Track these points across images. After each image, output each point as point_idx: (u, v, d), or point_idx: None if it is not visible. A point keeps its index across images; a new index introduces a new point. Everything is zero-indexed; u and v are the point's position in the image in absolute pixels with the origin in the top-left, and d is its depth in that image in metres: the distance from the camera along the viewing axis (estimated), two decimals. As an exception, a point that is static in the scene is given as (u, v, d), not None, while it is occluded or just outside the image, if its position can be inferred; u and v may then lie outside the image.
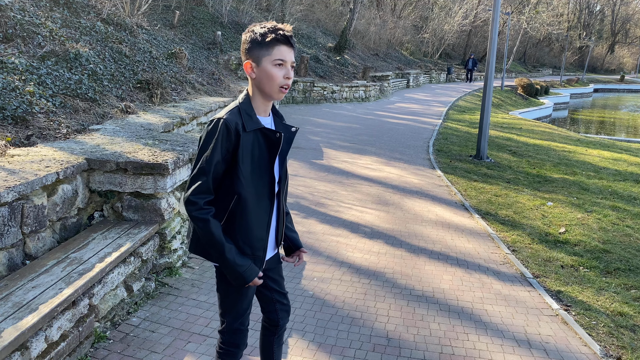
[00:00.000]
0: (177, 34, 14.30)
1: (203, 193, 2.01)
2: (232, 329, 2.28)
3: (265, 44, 2.01)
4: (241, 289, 2.18)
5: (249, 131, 2.03)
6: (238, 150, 2.01)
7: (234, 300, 2.23)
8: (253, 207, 2.10)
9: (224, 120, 1.99)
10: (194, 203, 2.01)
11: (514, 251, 5.22)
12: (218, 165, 2.00)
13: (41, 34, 6.20)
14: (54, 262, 3.14)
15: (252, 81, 2.09)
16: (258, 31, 2.02)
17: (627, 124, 28.97)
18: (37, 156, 3.85)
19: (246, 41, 2.05)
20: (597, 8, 79.17)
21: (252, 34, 2.03)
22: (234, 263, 2.05)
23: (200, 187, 2.00)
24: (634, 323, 3.84)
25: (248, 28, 2.08)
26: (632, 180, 9.16)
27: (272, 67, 2.01)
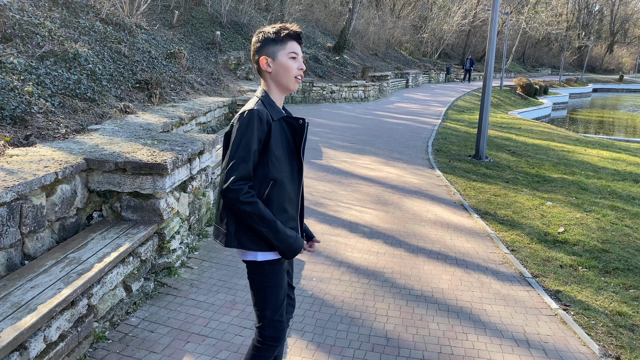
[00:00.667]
0: (176, 34, 14.29)
1: (245, 179, 2.10)
2: (273, 322, 2.29)
3: (279, 40, 2.21)
4: (279, 277, 2.26)
5: (276, 120, 2.18)
6: (271, 138, 2.15)
7: (272, 292, 2.27)
8: (287, 190, 2.23)
9: (256, 110, 2.12)
10: (238, 190, 2.08)
11: (513, 251, 5.22)
12: (255, 153, 2.12)
13: (40, 34, 6.20)
14: (52, 262, 3.14)
15: (269, 76, 2.24)
16: (270, 30, 2.22)
17: (626, 123, 29.00)
18: (35, 156, 3.84)
19: (258, 40, 2.23)
20: (596, 8, 79.25)
21: (264, 33, 2.23)
22: (286, 235, 2.16)
23: (241, 174, 2.09)
24: (632, 323, 3.84)
25: (257, 31, 2.26)
26: (631, 180, 9.17)
27: (287, 59, 2.22)
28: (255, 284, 2.28)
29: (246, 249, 2.20)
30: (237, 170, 2.08)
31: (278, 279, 2.26)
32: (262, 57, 2.22)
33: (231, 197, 2.09)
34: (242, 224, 2.17)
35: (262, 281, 2.26)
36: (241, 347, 3.21)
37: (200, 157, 4.72)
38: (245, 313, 3.65)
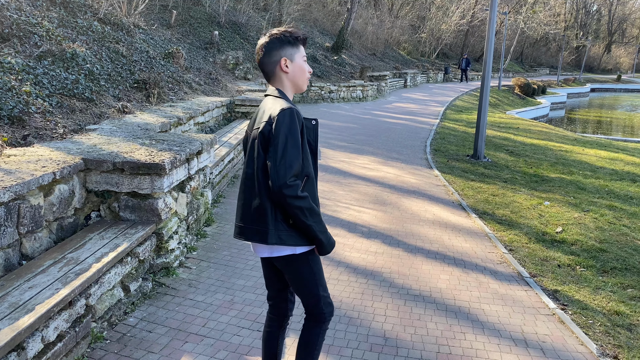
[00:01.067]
0: (174, 34, 14.27)
1: (297, 176, 2.19)
2: (326, 299, 2.45)
3: (295, 44, 2.38)
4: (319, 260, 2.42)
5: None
6: (304, 136, 2.27)
7: (319, 275, 2.42)
8: (314, 185, 2.36)
9: (295, 108, 2.23)
10: (295, 185, 2.16)
11: (511, 250, 5.23)
12: (302, 149, 2.23)
13: (38, 34, 6.19)
14: (50, 263, 3.14)
15: (285, 76, 2.38)
16: (286, 34, 2.36)
17: (624, 123, 29.05)
18: (33, 156, 3.84)
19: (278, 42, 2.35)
20: (593, 8, 79.37)
21: (283, 36, 2.35)
22: (326, 230, 2.31)
23: (295, 170, 2.17)
24: (630, 322, 3.85)
25: (270, 33, 2.38)
26: (628, 179, 9.18)
27: (302, 62, 2.40)
28: (301, 272, 2.36)
29: (285, 245, 2.26)
30: (291, 166, 2.15)
31: (319, 263, 2.42)
32: (283, 58, 2.35)
33: (288, 194, 2.14)
34: (281, 221, 2.25)
35: (309, 269, 2.37)
36: (239, 347, 3.22)
37: (198, 157, 4.71)
38: (244, 313, 3.65)
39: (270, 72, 2.38)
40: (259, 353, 3.16)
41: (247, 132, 2.44)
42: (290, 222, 2.26)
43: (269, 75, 2.40)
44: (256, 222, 2.27)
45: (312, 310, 2.45)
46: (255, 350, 3.19)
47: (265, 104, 2.34)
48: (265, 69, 2.40)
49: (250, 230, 2.30)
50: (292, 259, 2.33)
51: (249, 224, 2.30)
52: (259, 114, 2.36)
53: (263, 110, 2.32)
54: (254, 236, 2.29)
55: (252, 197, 2.29)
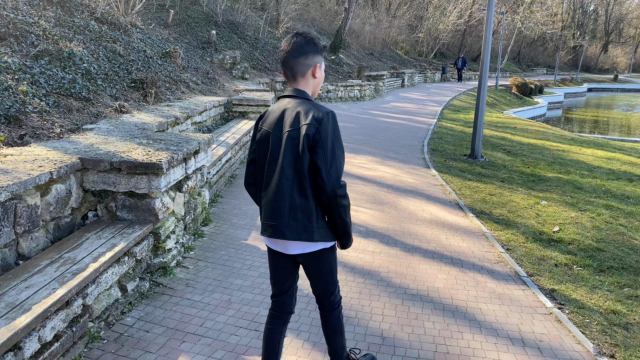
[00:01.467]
0: (172, 33, 14.25)
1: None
2: (339, 287, 2.70)
3: (323, 53, 2.50)
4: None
5: None
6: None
7: (336, 265, 2.63)
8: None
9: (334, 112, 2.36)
10: (344, 186, 2.36)
11: (508, 250, 5.24)
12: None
13: (34, 33, 6.17)
14: (47, 262, 3.13)
15: (313, 81, 2.47)
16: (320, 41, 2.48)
17: (621, 123, 29.12)
18: (30, 156, 3.83)
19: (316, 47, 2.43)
20: (590, 8, 79.55)
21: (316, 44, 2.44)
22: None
23: (342, 171, 2.35)
24: (627, 321, 3.86)
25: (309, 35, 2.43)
26: (625, 179, 9.21)
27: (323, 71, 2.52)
28: (327, 263, 2.55)
29: (324, 241, 2.42)
30: (340, 168, 2.33)
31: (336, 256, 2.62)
32: (317, 63, 2.44)
33: (340, 194, 2.32)
34: (322, 219, 2.41)
35: (334, 259, 2.58)
36: (237, 347, 3.21)
37: (195, 156, 4.71)
38: (241, 313, 3.65)
39: (301, 73, 2.41)
40: (256, 352, 3.16)
41: (267, 130, 2.42)
42: (326, 219, 2.42)
43: (296, 76, 2.41)
44: (301, 221, 2.35)
45: (331, 298, 2.65)
46: (253, 350, 3.19)
47: (294, 105, 2.37)
48: (296, 69, 2.40)
49: (294, 229, 2.35)
50: (323, 252, 2.49)
51: (291, 223, 2.34)
52: (288, 115, 2.36)
53: (297, 112, 2.33)
54: (299, 235, 2.36)
55: (294, 197, 2.33)
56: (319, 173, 2.28)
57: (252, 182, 2.58)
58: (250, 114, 9.88)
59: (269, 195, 2.38)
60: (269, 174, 2.38)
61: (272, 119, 2.41)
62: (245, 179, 2.60)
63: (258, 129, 2.49)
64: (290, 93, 2.43)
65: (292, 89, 2.44)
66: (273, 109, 2.45)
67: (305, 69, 2.40)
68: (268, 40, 18.60)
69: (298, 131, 2.30)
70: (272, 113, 2.43)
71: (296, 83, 2.43)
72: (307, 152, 2.29)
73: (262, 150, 2.43)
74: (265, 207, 2.41)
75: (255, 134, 2.51)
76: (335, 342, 2.75)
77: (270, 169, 2.38)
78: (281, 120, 2.37)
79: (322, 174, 2.27)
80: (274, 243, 2.48)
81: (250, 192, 2.62)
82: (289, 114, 2.35)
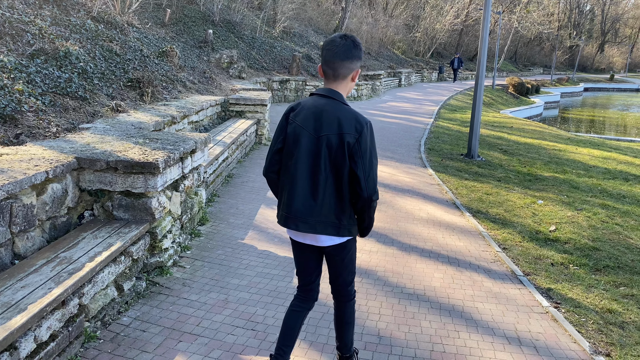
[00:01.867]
0: (168, 32, 14.23)
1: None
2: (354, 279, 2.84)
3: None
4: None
5: None
6: None
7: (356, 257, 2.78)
8: None
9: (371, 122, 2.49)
10: (378, 191, 2.51)
11: (504, 249, 5.25)
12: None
13: (30, 32, 6.15)
14: (43, 262, 3.12)
15: (351, 85, 2.55)
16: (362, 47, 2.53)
17: (617, 122, 29.21)
18: (26, 155, 3.82)
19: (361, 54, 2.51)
20: (587, 8, 79.74)
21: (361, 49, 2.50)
22: None
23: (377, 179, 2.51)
24: (622, 320, 3.88)
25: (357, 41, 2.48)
26: (621, 178, 9.24)
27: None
28: (351, 254, 2.69)
29: (351, 235, 2.58)
30: (376, 176, 2.48)
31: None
32: (359, 69, 2.53)
33: (375, 199, 2.49)
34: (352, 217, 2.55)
35: (355, 249, 2.72)
36: (233, 346, 3.21)
37: (192, 156, 4.70)
38: (238, 312, 3.64)
39: (343, 75, 2.47)
40: (253, 352, 3.16)
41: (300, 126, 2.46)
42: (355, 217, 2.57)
43: (338, 77, 2.47)
44: (332, 218, 2.48)
45: (348, 288, 2.78)
46: (250, 350, 3.19)
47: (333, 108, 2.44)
48: (340, 70, 2.45)
49: (324, 225, 2.48)
50: (348, 243, 2.63)
51: (322, 219, 2.47)
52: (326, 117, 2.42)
53: (337, 117, 2.41)
54: (327, 230, 2.49)
55: (331, 197, 2.45)
56: (358, 181, 2.41)
57: (275, 171, 2.60)
58: (247, 114, 9.87)
59: (301, 191, 2.46)
60: (302, 171, 2.45)
61: (306, 116, 2.46)
62: (267, 167, 2.61)
63: (289, 121, 2.52)
64: (327, 93, 2.47)
65: (328, 88, 2.49)
66: (307, 104, 2.49)
67: (347, 72, 2.47)
68: (265, 40, 18.59)
69: (337, 137, 2.38)
70: (305, 109, 2.48)
71: (335, 84, 2.49)
72: (346, 160, 2.40)
73: (292, 144, 2.48)
74: (296, 201, 2.47)
75: (285, 125, 2.54)
76: (346, 335, 2.84)
77: (302, 167, 2.45)
78: (318, 121, 2.43)
79: (361, 182, 2.41)
80: (303, 236, 2.57)
81: (272, 179, 2.64)
82: (327, 117, 2.42)
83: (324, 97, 2.47)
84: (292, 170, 2.47)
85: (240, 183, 7.10)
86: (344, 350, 2.88)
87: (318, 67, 2.57)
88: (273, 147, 2.58)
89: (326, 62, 2.47)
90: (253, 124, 9.48)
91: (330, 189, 2.44)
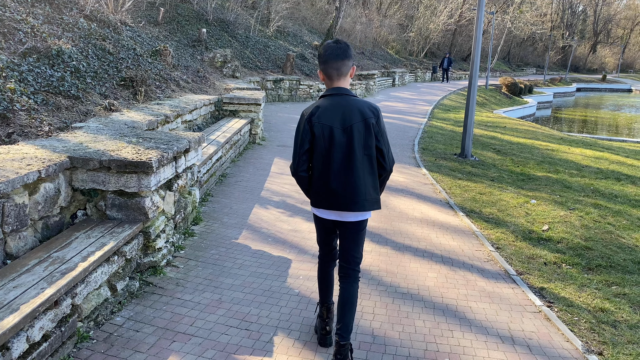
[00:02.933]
0: (162, 31, 14.17)
1: None
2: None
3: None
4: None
5: None
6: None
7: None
8: None
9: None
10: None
11: (498, 248, 5.27)
12: None
13: (22, 30, 6.11)
14: (35, 262, 3.10)
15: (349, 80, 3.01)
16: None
17: (609, 122, 29.39)
18: (18, 154, 3.79)
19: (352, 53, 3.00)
20: (579, 8, 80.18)
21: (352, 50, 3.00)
22: None
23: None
24: (614, 319, 3.90)
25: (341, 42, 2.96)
26: (613, 178, 9.29)
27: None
28: (365, 229, 3.12)
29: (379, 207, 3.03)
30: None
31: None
32: (355, 65, 3.02)
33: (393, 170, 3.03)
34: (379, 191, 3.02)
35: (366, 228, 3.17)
36: (227, 346, 3.21)
37: (185, 155, 4.69)
38: (232, 312, 3.64)
39: (345, 73, 2.94)
40: (247, 352, 3.16)
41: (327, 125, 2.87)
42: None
43: (341, 75, 2.93)
44: (373, 195, 2.95)
45: (356, 268, 3.13)
46: (244, 349, 3.19)
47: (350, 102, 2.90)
48: (342, 69, 2.92)
49: (369, 201, 2.92)
50: (365, 220, 3.06)
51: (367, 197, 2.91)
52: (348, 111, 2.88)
53: (356, 106, 2.89)
54: (372, 206, 2.95)
55: (367, 177, 2.91)
56: (382, 155, 2.93)
57: (305, 169, 2.98)
58: (241, 113, 9.85)
59: (342, 176, 2.88)
60: (336, 160, 2.88)
61: (330, 115, 2.88)
62: (297, 167, 2.95)
63: (312, 123, 2.88)
64: (338, 92, 2.93)
65: (337, 87, 2.94)
66: (326, 105, 2.90)
67: (347, 69, 2.94)
68: (259, 39, 18.56)
69: (362, 123, 2.86)
70: (327, 109, 2.89)
71: (340, 81, 2.94)
72: (373, 139, 2.88)
73: (325, 141, 2.88)
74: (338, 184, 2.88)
75: (309, 129, 2.90)
76: (348, 316, 3.03)
77: (338, 156, 2.87)
78: (342, 115, 2.87)
79: (385, 156, 2.95)
80: (331, 214, 3.00)
81: (302, 177, 2.99)
82: (348, 110, 2.88)
83: (337, 96, 2.92)
84: (330, 161, 2.88)
85: (234, 182, 7.09)
86: (344, 332, 2.99)
87: (319, 72, 2.99)
88: (300, 150, 2.92)
89: (329, 64, 2.90)
90: (247, 123, 9.46)
91: (367, 169, 2.90)
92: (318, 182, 2.93)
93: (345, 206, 2.89)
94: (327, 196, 2.91)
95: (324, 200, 2.93)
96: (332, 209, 2.93)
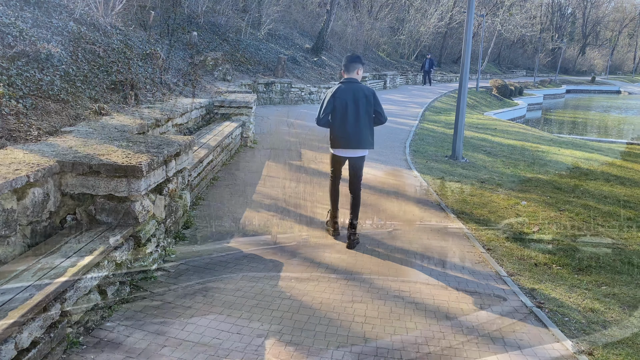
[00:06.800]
0: (152, 35, 14.12)
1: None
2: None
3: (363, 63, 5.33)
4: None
5: None
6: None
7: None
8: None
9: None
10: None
11: (489, 250, 5.29)
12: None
13: (11, 34, 6.06)
14: (24, 267, 3.07)
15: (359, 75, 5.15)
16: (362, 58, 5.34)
17: (598, 124, 29.63)
18: (6, 159, 3.76)
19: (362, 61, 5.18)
20: (568, 11, 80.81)
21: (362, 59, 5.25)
22: None
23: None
24: (604, 319, 3.93)
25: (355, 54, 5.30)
26: (602, 179, 9.37)
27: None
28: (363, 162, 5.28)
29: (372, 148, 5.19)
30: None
31: None
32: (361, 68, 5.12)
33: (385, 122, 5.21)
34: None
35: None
36: (218, 350, 3.19)
37: (176, 159, 4.67)
38: (223, 316, 3.62)
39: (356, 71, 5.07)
40: (238, 356, 3.15)
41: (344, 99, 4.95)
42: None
43: (351, 72, 5.06)
44: (371, 139, 5.07)
45: (360, 185, 5.27)
46: (235, 354, 3.17)
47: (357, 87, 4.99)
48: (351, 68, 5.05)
49: (369, 143, 5.05)
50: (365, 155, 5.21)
51: (364, 141, 5.01)
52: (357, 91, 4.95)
53: (360, 88, 4.97)
54: (370, 146, 5.08)
55: (368, 129, 5.01)
56: (379, 114, 5.07)
57: (328, 119, 5.07)
58: (232, 116, 9.82)
59: (353, 129, 4.95)
60: (350, 120, 4.94)
61: (345, 93, 4.94)
62: (323, 120, 5.06)
63: (335, 97, 4.96)
64: (350, 81, 5.02)
65: (350, 77, 5.04)
66: (343, 88, 4.96)
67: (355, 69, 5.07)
68: (250, 42, 18.54)
69: (365, 98, 4.94)
70: (344, 91, 4.95)
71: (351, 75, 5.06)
72: (372, 106, 4.97)
73: (342, 107, 4.94)
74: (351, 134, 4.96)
75: (333, 101, 4.96)
76: (356, 211, 5.17)
77: (351, 117, 4.93)
78: (353, 93, 4.93)
79: (382, 114, 5.10)
80: (346, 152, 5.11)
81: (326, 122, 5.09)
82: (356, 91, 4.95)
83: (349, 82, 5.01)
84: (345, 118, 4.94)
85: (225, 186, 7.07)
86: (354, 218, 5.12)
87: (341, 72, 5.19)
88: (327, 110, 4.99)
89: (347, 66, 5.07)
90: (238, 127, 9.44)
91: (368, 125, 5.01)
92: (339, 130, 4.98)
93: (356, 145, 4.98)
94: (344, 140, 4.98)
95: (342, 143, 5.01)
96: (346, 147, 5.02)
